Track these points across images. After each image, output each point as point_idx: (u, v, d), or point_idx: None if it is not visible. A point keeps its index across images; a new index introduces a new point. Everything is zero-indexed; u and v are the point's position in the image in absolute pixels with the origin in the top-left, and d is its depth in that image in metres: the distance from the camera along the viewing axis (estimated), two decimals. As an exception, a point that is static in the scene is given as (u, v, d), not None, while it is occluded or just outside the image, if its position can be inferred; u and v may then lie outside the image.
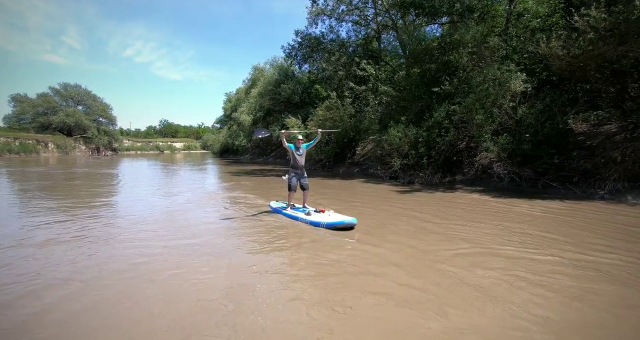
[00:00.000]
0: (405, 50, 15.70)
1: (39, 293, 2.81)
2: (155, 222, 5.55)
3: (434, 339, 2.16)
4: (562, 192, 8.06)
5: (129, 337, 2.18)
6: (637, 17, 6.46)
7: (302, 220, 5.38)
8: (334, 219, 5.02)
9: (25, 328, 2.29)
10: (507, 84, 8.87)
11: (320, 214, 5.39)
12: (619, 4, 6.82)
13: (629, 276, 3.17)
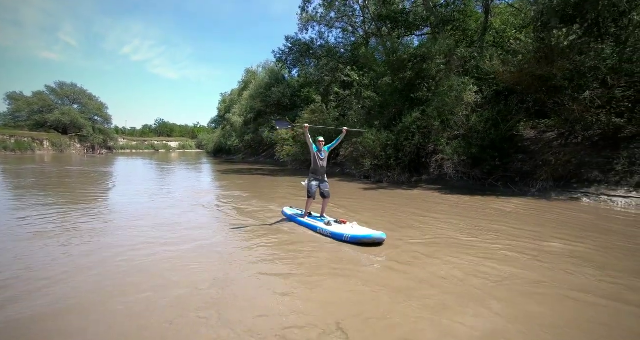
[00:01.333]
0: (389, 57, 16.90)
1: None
2: (158, 230, 5.04)
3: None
4: (502, 190, 9.31)
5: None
6: (556, 43, 7.70)
7: (321, 231, 4.84)
8: (359, 232, 4.46)
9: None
10: (462, 94, 10.08)
11: (341, 226, 4.86)
12: (543, 32, 8.06)
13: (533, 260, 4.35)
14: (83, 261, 3.64)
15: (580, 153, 9.19)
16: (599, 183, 8.15)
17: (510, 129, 9.64)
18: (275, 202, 7.60)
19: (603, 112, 8.68)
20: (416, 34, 18.77)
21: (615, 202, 7.41)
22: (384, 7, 17.42)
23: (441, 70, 13.20)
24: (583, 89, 8.05)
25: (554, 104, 9.41)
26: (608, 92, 8.40)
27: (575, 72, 8.26)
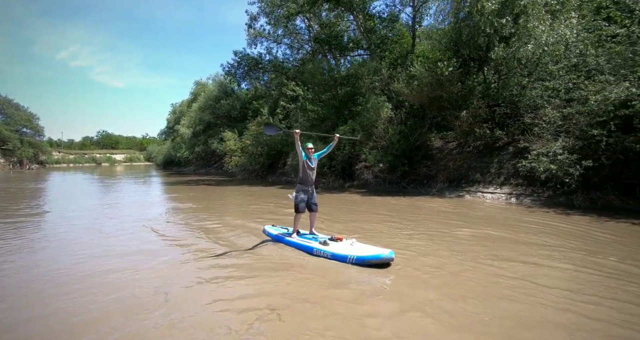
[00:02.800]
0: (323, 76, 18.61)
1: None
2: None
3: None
4: (411, 191, 11.15)
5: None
6: (441, 72, 9.79)
7: (318, 253, 4.20)
8: (364, 251, 3.94)
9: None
10: (379, 111, 11.89)
11: (339, 244, 4.32)
12: (431, 63, 10.19)
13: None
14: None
15: (469, 159, 11.40)
16: (478, 183, 10.28)
17: (417, 140, 11.59)
18: (247, 218, 6.96)
19: (485, 126, 10.97)
20: (355, 54, 20.93)
21: (486, 197, 9.49)
22: (322, 30, 19.31)
23: (369, 88, 15.15)
24: (462, 109, 10.19)
25: (450, 120, 11.58)
26: (487, 110, 10.69)
27: (459, 95, 10.43)
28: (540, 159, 7.80)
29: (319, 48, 18.57)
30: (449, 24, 10.40)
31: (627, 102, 6.45)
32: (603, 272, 3.57)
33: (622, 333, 2.36)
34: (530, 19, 9.04)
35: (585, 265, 3.80)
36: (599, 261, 3.94)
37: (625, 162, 6.87)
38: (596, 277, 3.42)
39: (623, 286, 3.19)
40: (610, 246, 4.62)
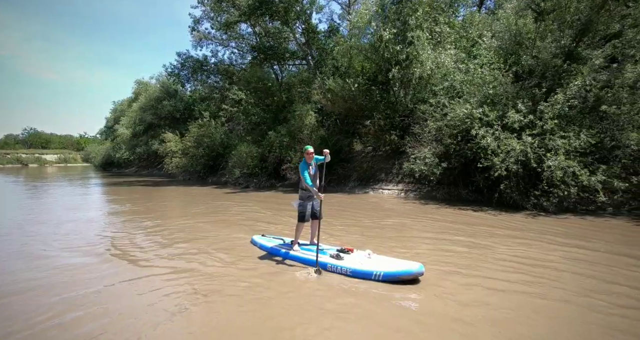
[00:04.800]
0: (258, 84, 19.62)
1: None
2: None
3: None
4: (329, 189, 12.78)
5: None
6: (349, 88, 11.55)
7: (334, 269, 3.68)
8: (390, 266, 3.48)
9: None
10: (303, 118, 13.37)
11: (353, 256, 3.86)
12: (343, 79, 11.96)
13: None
14: None
15: (379, 162, 13.37)
16: (382, 181, 12.21)
17: (335, 145, 13.26)
18: (224, 223, 6.50)
19: (394, 133, 12.98)
20: (297, 64, 22.31)
21: (384, 193, 11.41)
22: (262, 39, 20.46)
23: (302, 97, 16.62)
24: (367, 118, 12.07)
25: (361, 128, 13.46)
26: (390, 121, 12.68)
27: (367, 107, 12.30)
28: (416, 161, 9.79)
29: (259, 56, 19.64)
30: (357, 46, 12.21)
31: (466, 119, 8.59)
32: (452, 242, 5.27)
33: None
34: (417, 48, 11.12)
35: (437, 231, 5.50)
36: (451, 238, 5.67)
37: (466, 164, 9.05)
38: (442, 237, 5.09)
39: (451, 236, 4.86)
40: (455, 226, 6.47)
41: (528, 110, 7.74)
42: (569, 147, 6.83)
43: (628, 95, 6.81)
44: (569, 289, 3.19)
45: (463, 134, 8.89)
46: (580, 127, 7.17)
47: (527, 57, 8.83)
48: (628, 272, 3.62)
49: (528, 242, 4.89)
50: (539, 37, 8.75)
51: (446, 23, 11.73)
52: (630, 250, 4.44)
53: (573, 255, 4.24)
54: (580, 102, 7.37)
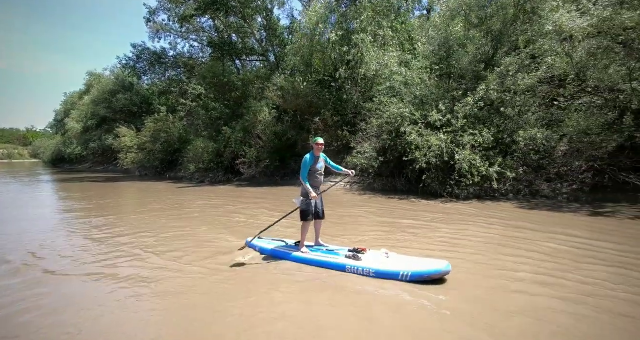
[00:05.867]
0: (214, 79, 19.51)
1: None
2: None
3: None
4: (282, 182, 13.40)
5: None
6: (298, 86, 12.17)
7: (354, 271, 3.49)
8: (416, 265, 3.34)
9: None
10: (257, 114, 13.79)
11: (369, 256, 3.66)
12: (293, 77, 12.55)
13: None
14: None
15: (332, 156, 14.11)
16: (331, 175, 12.99)
17: (289, 140, 13.85)
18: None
19: (345, 129, 13.78)
20: (258, 60, 22.37)
21: (338, 185, 12.21)
22: (220, 34, 20.38)
23: (259, 93, 16.95)
24: (315, 115, 12.79)
25: (310, 124, 14.16)
26: (339, 118, 13.47)
27: (317, 104, 12.99)
28: (358, 156, 10.66)
29: (217, 51, 19.57)
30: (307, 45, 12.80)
31: (398, 117, 9.55)
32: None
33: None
34: (362, 50, 11.94)
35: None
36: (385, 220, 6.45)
37: (400, 158, 10.06)
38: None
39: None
40: (393, 210, 7.31)
41: (448, 110, 8.82)
42: (475, 143, 7.97)
43: (520, 100, 8.06)
44: (479, 253, 4.08)
45: (396, 131, 9.85)
46: (485, 126, 8.35)
47: (453, 62, 9.95)
48: (517, 235, 4.60)
49: (444, 224, 5.84)
50: (466, 44, 9.88)
51: (389, 27, 12.65)
52: (516, 222, 5.60)
53: (478, 231, 5.19)
54: (488, 104, 8.55)
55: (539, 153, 8.00)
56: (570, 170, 8.29)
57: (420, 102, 9.78)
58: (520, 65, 8.20)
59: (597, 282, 3.11)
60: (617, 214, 5.95)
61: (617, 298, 2.78)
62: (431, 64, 10.34)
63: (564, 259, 3.76)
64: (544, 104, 9.15)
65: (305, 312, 2.74)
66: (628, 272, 3.34)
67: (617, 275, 3.25)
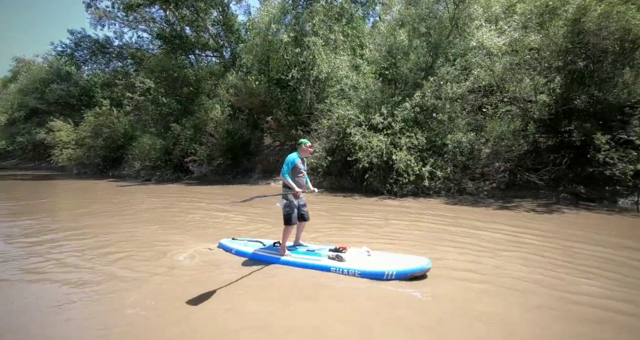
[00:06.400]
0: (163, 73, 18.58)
1: None
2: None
3: None
4: (234, 181, 13.32)
5: None
6: (250, 85, 12.21)
7: (339, 271, 3.49)
8: (399, 264, 3.42)
9: None
10: (208, 112, 13.52)
11: (352, 255, 3.71)
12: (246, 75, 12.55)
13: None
14: None
15: (285, 155, 14.36)
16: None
17: (242, 138, 13.79)
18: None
19: (300, 129, 14.03)
20: (212, 55, 21.67)
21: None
22: (172, 26, 19.48)
23: (211, 90, 16.55)
24: (269, 114, 12.93)
25: (263, 123, 14.26)
26: (292, 117, 13.72)
27: (270, 103, 13.11)
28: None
29: (167, 44, 18.67)
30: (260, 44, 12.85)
31: (345, 119, 10.06)
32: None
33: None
34: (313, 52, 12.29)
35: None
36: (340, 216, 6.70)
37: (347, 158, 10.62)
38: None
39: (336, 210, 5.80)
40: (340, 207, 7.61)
41: (389, 113, 9.52)
42: (411, 145, 8.73)
43: (450, 106, 9.00)
44: (414, 239, 4.59)
45: (344, 132, 10.37)
46: (420, 129, 9.17)
47: (397, 69, 10.72)
48: (446, 228, 5.18)
49: (386, 219, 6.34)
50: (410, 52, 10.69)
51: (341, 32, 13.18)
52: (444, 212, 6.33)
53: (410, 223, 5.74)
54: (424, 110, 9.40)
55: (464, 155, 8.99)
56: (491, 170, 9.45)
57: (365, 105, 10.40)
58: (452, 76, 9.12)
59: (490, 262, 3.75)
60: (519, 207, 6.99)
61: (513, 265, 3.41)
62: (379, 69, 11.04)
63: (481, 246, 4.42)
64: (473, 110, 10.30)
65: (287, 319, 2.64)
66: (528, 255, 4.05)
67: (516, 258, 3.94)
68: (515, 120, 8.58)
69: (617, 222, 5.62)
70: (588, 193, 7.88)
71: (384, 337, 2.36)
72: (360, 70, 11.51)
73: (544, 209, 6.71)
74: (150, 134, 14.81)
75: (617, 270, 3.46)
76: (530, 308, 2.72)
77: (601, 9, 6.20)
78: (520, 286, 3.09)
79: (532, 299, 2.88)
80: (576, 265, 3.61)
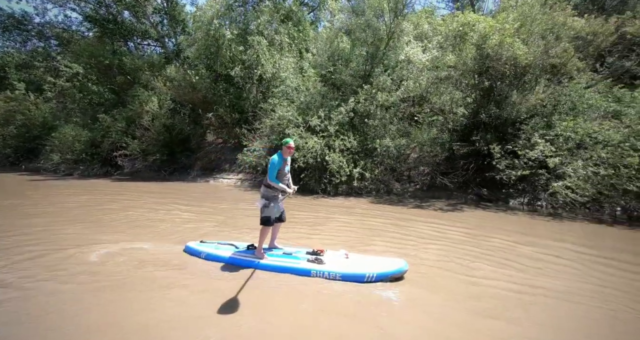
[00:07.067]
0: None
1: None
2: None
3: None
4: (171, 177, 12.76)
5: None
6: (190, 80, 11.84)
7: (320, 274, 3.44)
8: (378, 266, 3.46)
9: None
10: (143, 104, 12.74)
11: (329, 258, 3.67)
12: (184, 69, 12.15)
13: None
14: None
15: (227, 153, 14.14)
16: (225, 171, 13.05)
17: (180, 134, 13.25)
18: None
19: (244, 127, 13.84)
20: (152, 45, 20.26)
21: (224, 182, 12.30)
22: (107, 9, 17.86)
23: (149, 81, 15.57)
24: (211, 111, 12.66)
25: (203, 120, 13.91)
26: (235, 115, 13.55)
27: (212, 100, 12.81)
28: (247, 153, 11.03)
29: (97, 28, 17.05)
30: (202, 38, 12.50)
31: (284, 120, 10.31)
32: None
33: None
34: (257, 51, 12.32)
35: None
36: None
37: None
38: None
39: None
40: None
41: (326, 117, 9.99)
42: (343, 147, 9.29)
43: (381, 113, 9.78)
44: (350, 239, 4.73)
45: (283, 132, 10.60)
46: (353, 132, 9.80)
47: (337, 74, 11.26)
48: (374, 224, 5.57)
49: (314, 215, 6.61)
50: (351, 60, 11.29)
51: (287, 33, 13.39)
52: (374, 211, 6.76)
53: (342, 222, 6.09)
54: (358, 115, 10.05)
55: (392, 158, 9.83)
56: (416, 173, 10.46)
57: (305, 107, 10.76)
58: (386, 85, 9.90)
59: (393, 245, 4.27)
60: (432, 206, 7.89)
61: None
62: (324, 74, 11.48)
63: (404, 237, 5.02)
64: (405, 118, 11.27)
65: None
66: (429, 241, 4.66)
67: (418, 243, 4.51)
68: (433, 129, 9.61)
69: (506, 219, 6.69)
70: (489, 195, 9.17)
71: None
72: (304, 73, 11.82)
73: (450, 208, 7.68)
74: (75, 124, 13.46)
75: (494, 255, 4.22)
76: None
77: (496, 39, 7.32)
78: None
79: (437, 281, 3.46)
80: (468, 251, 4.35)
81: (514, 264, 4.00)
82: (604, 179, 6.22)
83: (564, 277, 3.63)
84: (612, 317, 2.83)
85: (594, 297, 3.17)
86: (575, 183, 6.51)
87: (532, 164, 7.24)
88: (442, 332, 2.57)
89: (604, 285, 3.42)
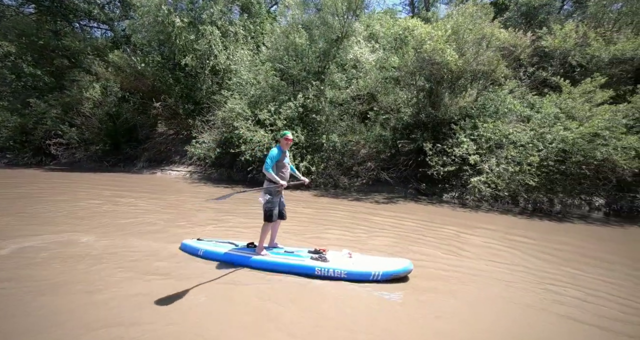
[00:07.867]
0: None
1: None
2: None
3: None
4: (114, 169, 12.10)
5: None
6: (134, 66, 11.30)
7: (324, 273, 3.35)
8: (383, 265, 3.38)
9: None
10: (83, 91, 11.92)
11: (333, 257, 3.55)
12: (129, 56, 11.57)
13: None
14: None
15: (177, 145, 13.69)
16: (174, 163, 12.65)
17: (125, 124, 12.60)
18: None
19: (199, 118, 13.42)
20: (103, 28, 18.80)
21: (172, 174, 11.94)
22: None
23: (92, 66, 14.55)
24: (158, 100, 12.19)
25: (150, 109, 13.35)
26: (186, 105, 13.14)
27: (161, 89, 12.31)
28: (196, 145, 10.81)
29: (33, 3, 15.50)
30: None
31: (233, 112, 10.24)
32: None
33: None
34: (210, 42, 12.03)
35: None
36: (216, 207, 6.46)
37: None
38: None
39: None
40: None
41: (275, 111, 10.08)
42: (291, 141, 9.46)
43: (329, 109, 10.08)
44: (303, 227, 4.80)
45: (232, 125, 10.54)
46: (302, 127, 10.01)
47: (290, 70, 11.36)
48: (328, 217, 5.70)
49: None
50: (305, 55, 11.40)
51: (242, 26, 13.21)
52: (323, 208, 6.87)
53: (297, 213, 6.19)
54: (307, 110, 10.27)
55: (338, 153, 10.18)
56: (364, 168, 10.93)
57: (256, 100, 10.76)
58: (337, 82, 10.19)
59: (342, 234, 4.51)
60: (373, 199, 8.35)
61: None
62: (278, 68, 11.49)
63: (355, 227, 5.29)
64: (356, 115, 11.67)
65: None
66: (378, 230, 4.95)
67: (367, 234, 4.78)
68: (377, 127, 10.11)
69: (424, 209, 7.29)
70: (427, 189, 9.88)
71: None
72: (256, 66, 11.76)
73: (386, 200, 8.18)
74: (2, 108, 12.22)
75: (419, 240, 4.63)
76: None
77: (430, 44, 7.89)
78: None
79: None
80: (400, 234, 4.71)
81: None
82: (512, 175, 7.01)
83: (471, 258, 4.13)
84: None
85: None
86: (491, 179, 7.26)
87: (458, 160, 7.93)
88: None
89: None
